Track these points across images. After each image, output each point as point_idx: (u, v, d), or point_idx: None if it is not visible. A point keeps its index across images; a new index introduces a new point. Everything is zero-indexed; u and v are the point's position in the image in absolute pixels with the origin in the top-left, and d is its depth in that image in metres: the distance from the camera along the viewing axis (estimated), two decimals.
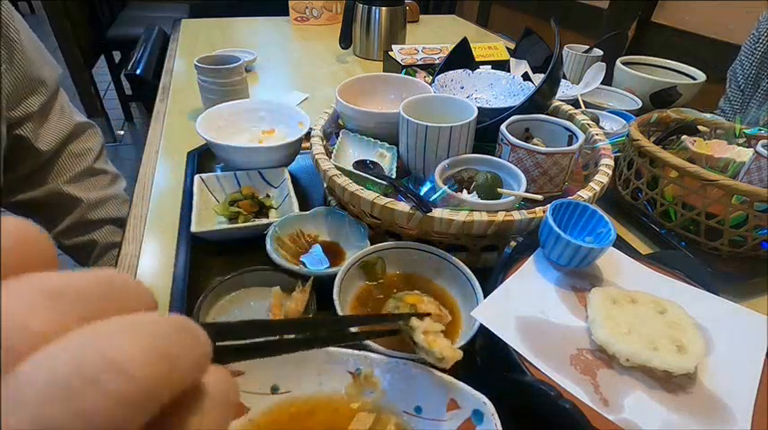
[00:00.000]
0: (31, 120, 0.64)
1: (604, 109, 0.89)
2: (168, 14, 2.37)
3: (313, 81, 1.17)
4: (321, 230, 0.58)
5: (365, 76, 0.72)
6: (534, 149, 0.53)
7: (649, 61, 1.10)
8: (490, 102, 0.68)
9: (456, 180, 0.54)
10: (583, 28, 1.97)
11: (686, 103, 0.99)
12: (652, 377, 0.35)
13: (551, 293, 0.42)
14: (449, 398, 0.34)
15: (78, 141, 0.73)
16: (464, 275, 0.47)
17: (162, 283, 0.53)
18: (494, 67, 0.76)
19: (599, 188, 0.51)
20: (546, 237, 0.44)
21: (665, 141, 0.75)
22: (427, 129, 0.54)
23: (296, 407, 0.35)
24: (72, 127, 0.71)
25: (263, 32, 1.55)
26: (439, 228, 0.48)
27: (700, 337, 0.37)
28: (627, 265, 0.46)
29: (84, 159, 0.72)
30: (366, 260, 0.49)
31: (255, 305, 0.47)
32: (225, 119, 0.74)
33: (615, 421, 0.32)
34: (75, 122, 0.72)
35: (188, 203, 0.61)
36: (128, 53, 2.46)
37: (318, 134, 0.62)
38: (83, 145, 0.73)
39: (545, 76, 0.58)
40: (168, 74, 1.15)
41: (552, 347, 0.37)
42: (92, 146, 0.74)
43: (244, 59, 0.92)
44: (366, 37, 1.32)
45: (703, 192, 0.57)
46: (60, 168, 0.70)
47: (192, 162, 0.74)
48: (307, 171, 0.75)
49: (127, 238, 0.60)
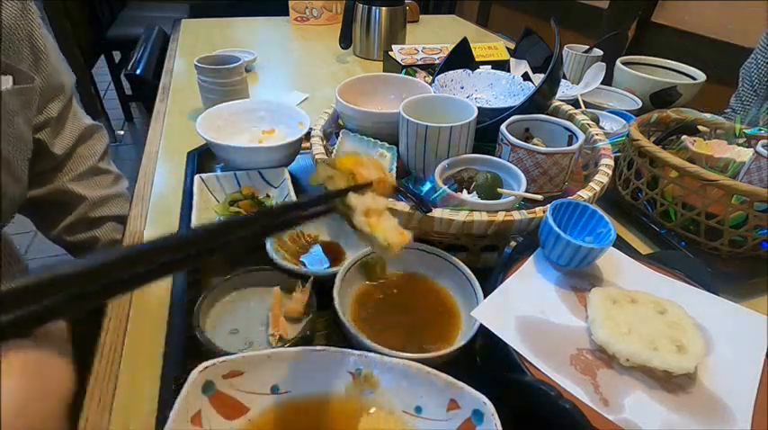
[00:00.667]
0: (50, 125, 0.66)
1: (604, 109, 0.89)
2: (168, 14, 2.37)
3: (313, 81, 1.17)
4: (321, 230, 0.58)
5: (365, 76, 0.72)
6: (534, 149, 0.53)
7: (649, 61, 1.10)
8: (490, 102, 0.68)
9: (456, 180, 0.54)
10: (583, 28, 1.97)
11: (686, 103, 0.99)
12: (652, 377, 0.35)
13: (551, 293, 0.42)
14: (449, 398, 0.34)
15: (87, 144, 0.74)
16: (464, 275, 0.47)
17: (162, 283, 0.53)
18: (494, 67, 0.76)
19: (599, 188, 0.51)
20: (546, 237, 0.44)
21: (665, 141, 0.75)
22: (427, 129, 0.54)
23: (296, 408, 0.35)
24: (82, 130, 0.73)
25: (263, 32, 1.55)
26: (439, 228, 0.48)
27: (700, 337, 0.37)
28: (627, 265, 0.46)
29: (90, 159, 0.74)
30: (366, 260, 0.49)
31: (255, 305, 0.47)
32: (225, 119, 0.74)
33: (615, 421, 0.32)
34: (85, 125, 0.74)
35: (188, 203, 0.61)
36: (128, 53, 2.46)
37: (318, 134, 0.62)
38: (91, 146, 0.75)
39: (545, 76, 0.58)
40: (168, 74, 1.15)
41: (552, 347, 0.37)
42: (98, 147, 0.76)
43: (244, 59, 0.91)
44: (366, 37, 1.32)
45: (703, 192, 0.57)
46: (67, 168, 0.71)
47: (192, 162, 0.74)
48: (307, 171, 0.75)
49: (127, 239, 0.60)
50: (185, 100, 1.00)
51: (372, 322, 0.45)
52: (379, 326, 0.45)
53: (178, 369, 0.42)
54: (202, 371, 0.32)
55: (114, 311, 0.49)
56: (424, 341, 0.44)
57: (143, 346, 0.46)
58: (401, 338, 0.44)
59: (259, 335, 0.44)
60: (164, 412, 0.39)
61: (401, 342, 0.43)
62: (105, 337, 0.47)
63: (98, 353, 0.45)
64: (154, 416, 0.39)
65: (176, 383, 0.40)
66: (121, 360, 0.44)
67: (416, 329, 0.45)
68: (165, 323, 0.47)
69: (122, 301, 0.51)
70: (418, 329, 0.45)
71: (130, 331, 0.47)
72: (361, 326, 0.44)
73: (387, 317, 0.46)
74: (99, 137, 0.77)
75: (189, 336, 0.44)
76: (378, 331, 0.44)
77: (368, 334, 0.43)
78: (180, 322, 0.46)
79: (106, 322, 0.48)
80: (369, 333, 0.43)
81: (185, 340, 0.44)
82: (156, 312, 0.49)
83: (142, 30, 1.57)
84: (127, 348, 0.46)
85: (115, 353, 0.45)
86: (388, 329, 0.44)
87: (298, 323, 0.46)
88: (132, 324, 0.48)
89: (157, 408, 0.40)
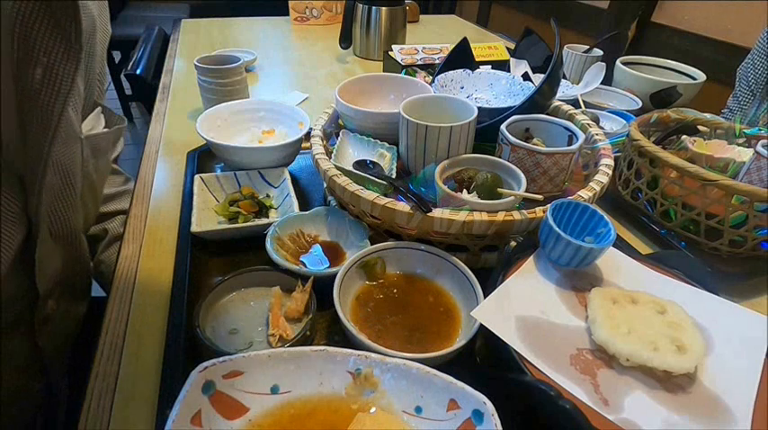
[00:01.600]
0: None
1: (604, 109, 0.89)
2: (168, 14, 2.37)
3: (313, 81, 1.17)
4: (321, 230, 0.58)
5: (365, 76, 0.72)
6: (534, 149, 0.53)
7: (649, 61, 1.10)
8: (490, 102, 0.68)
9: (456, 180, 0.54)
10: (583, 28, 1.97)
11: (686, 103, 0.99)
12: (652, 377, 0.35)
13: (551, 293, 0.42)
14: (449, 398, 0.34)
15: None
16: (464, 275, 0.47)
17: (162, 283, 0.53)
18: (494, 67, 0.76)
19: (599, 188, 0.51)
20: (546, 237, 0.44)
21: (665, 141, 0.75)
22: (427, 129, 0.54)
23: (296, 408, 0.35)
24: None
25: (263, 32, 1.55)
26: (439, 228, 0.48)
27: (700, 337, 0.37)
28: (627, 265, 0.46)
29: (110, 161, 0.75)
30: (366, 260, 0.49)
31: (255, 305, 0.47)
32: (225, 119, 0.74)
33: (615, 421, 0.32)
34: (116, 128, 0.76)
35: (188, 203, 0.61)
36: (128, 53, 2.46)
37: (318, 134, 0.62)
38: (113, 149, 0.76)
39: (545, 76, 0.58)
40: (168, 74, 1.15)
41: (552, 347, 0.37)
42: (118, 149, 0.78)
43: (244, 59, 0.92)
44: (366, 37, 1.32)
45: (703, 192, 0.57)
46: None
47: (191, 162, 0.74)
48: (307, 171, 0.75)
49: (127, 239, 0.60)
50: (185, 100, 1.00)
51: (372, 322, 0.45)
52: (379, 326, 0.45)
53: (178, 369, 0.42)
54: (202, 371, 0.32)
55: (114, 311, 0.49)
56: (424, 341, 0.44)
57: (143, 346, 0.46)
58: (401, 338, 0.44)
59: (259, 335, 0.45)
60: (164, 412, 0.39)
61: (401, 342, 0.43)
62: (105, 337, 0.47)
63: (98, 353, 0.45)
64: (154, 416, 0.39)
65: (176, 383, 0.40)
66: (121, 360, 0.44)
67: (416, 329, 0.45)
68: (165, 323, 0.47)
69: (122, 301, 0.51)
70: (418, 329, 0.45)
71: (130, 331, 0.47)
72: (361, 326, 0.44)
73: (387, 317, 0.46)
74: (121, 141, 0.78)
75: (189, 336, 0.44)
76: (378, 331, 0.44)
77: (368, 334, 0.43)
78: (180, 322, 0.46)
79: (106, 322, 0.48)
80: (369, 333, 0.43)
81: (185, 340, 0.44)
82: (156, 312, 0.49)
83: (142, 30, 1.57)
84: (127, 348, 0.46)
85: (115, 353, 0.45)
86: (387, 329, 0.44)
87: (298, 323, 0.46)
88: (132, 324, 0.48)
89: (157, 408, 0.40)
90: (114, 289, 0.52)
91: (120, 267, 0.55)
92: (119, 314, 0.49)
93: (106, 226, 0.75)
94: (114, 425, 0.39)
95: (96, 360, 0.44)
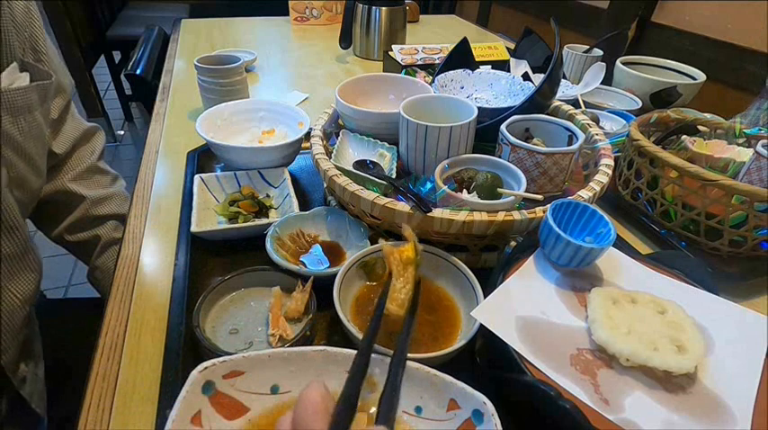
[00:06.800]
0: (51, 125, 0.66)
1: (604, 109, 0.89)
2: (168, 14, 2.37)
3: (313, 81, 1.17)
4: (321, 230, 0.58)
5: (365, 76, 0.72)
6: (534, 149, 0.53)
7: (649, 61, 1.10)
8: (490, 102, 0.68)
9: (456, 180, 0.54)
10: (583, 28, 1.97)
11: (686, 103, 0.99)
12: (652, 377, 0.35)
13: (551, 293, 0.42)
14: (449, 398, 0.34)
15: (86, 145, 0.76)
16: (464, 275, 0.47)
17: (162, 283, 0.53)
18: (494, 67, 0.75)
19: (599, 188, 0.51)
20: (546, 237, 0.44)
21: (665, 141, 0.75)
22: (427, 129, 0.54)
23: None
24: (82, 130, 0.74)
25: (263, 32, 1.55)
26: (439, 228, 0.48)
27: (700, 337, 0.37)
28: (627, 265, 0.46)
29: (89, 159, 0.75)
30: (366, 260, 0.49)
31: (255, 305, 0.47)
32: (225, 119, 0.74)
33: (615, 421, 0.32)
34: (85, 127, 0.75)
35: (188, 203, 0.61)
36: (128, 53, 2.46)
37: (318, 134, 0.62)
38: (90, 147, 0.76)
39: (545, 76, 0.58)
40: (168, 74, 1.15)
41: (552, 347, 0.37)
42: (96, 147, 0.77)
43: (244, 59, 0.92)
44: (366, 37, 1.32)
45: (703, 192, 0.57)
46: (67, 167, 0.72)
47: (191, 162, 0.74)
48: (307, 171, 0.75)
49: (127, 239, 0.60)
50: (185, 100, 1.00)
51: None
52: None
53: (178, 369, 0.42)
54: (202, 371, 0.32)
55: (114, 311, 0.49)
56: (423, 341, 0.44)
57: (143, 346, 0.46)
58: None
59: (259, 335, 0.45)
60: (164, 412, 0.39)
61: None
62: (105, 337, 0.47)
63: (98, 353, 0.45)
64: (154, 416, 0.39)
65: (176, 383, 0.40)
66: (121, 360, 0.44)
67: (416, 329, 0.45)
68: (165, 323, 0.47)
69: (122, 301, 0.51)
70: (418, 329, 0.45)
71: (130, 331, 0.47)
72: (361, 326, 0.44)
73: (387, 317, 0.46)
74: (97, 137, 0.78)
75: (189, 336, 0.44)
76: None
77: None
78: (180, 322, 0.46)
79: (106, 322, 0.48)
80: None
81: (185, 340, 0.44)
82: (156, 312, 0.49)
83: (142, 30, 1.57)
84: (127, 348, 0.46)
85: (115, 353, 0.45)
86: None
87: (298, 323, 0.46)
88: (132, 324, 0.48)
89: (157, 408, 0.40)
90: (114, 289, 0.52)
91: (120, 267, 0.55)
92: (119, 314, 0.49)
93: (98, 231, 0.74)
94: (114, 425, 0.39)
95: (96, 360, 0.44)
